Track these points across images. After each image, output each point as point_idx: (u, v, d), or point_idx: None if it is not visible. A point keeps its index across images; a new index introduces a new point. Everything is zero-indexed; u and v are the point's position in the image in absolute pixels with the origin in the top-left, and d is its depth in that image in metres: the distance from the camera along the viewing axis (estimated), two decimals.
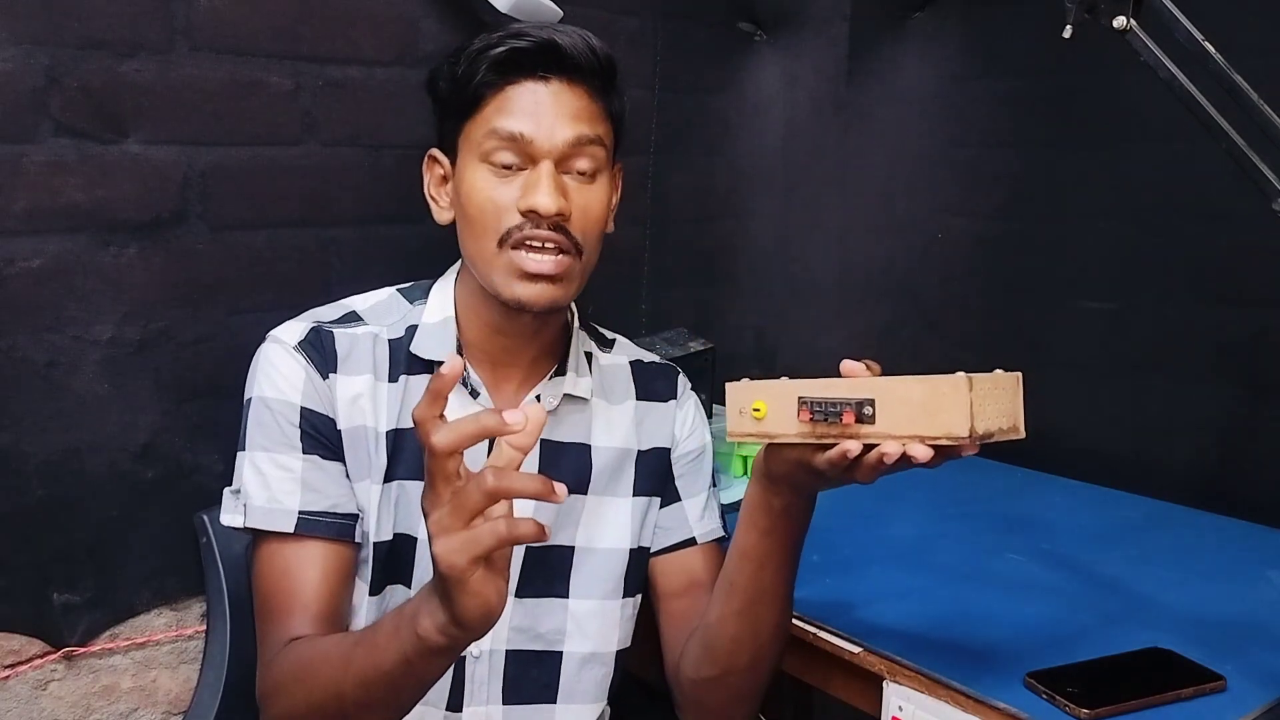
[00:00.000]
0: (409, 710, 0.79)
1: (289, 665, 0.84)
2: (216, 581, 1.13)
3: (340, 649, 0.79)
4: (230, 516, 0.92)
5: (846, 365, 0.77)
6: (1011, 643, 0.99)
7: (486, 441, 0.93)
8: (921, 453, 0.71)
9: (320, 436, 0.92)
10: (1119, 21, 0.87)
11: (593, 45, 0.92)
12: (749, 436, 0.80)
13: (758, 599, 0.89)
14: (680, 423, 1.07)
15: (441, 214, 0.97)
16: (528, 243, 0.89)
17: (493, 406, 0.97)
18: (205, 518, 1.14)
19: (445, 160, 0.96)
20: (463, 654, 0.94)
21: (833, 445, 0.74)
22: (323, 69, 1.23)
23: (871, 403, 0.73)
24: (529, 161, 0.90)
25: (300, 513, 0.90)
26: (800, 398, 0.76)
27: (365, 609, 0.94)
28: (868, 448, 0.73)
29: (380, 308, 0.99)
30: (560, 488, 0.64)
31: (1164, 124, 1.40)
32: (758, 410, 0.79)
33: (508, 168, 0.90)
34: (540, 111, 0.90)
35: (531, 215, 0.89)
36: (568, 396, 1.01)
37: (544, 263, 0.90)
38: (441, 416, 0.64)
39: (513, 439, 0.65)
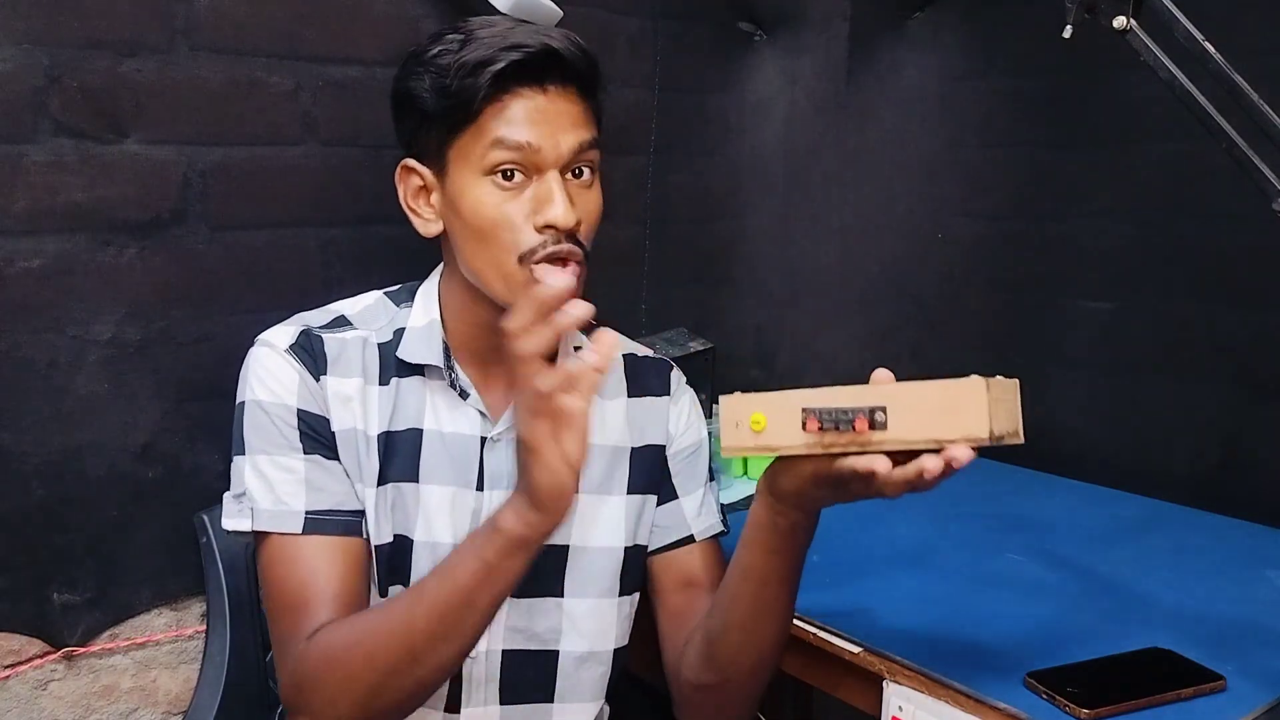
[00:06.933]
0: (478, 640, 0.84)
1: (327, 646, 0.83)
2: (216, 581, 1.13)
3: (401, 600, 0.84)
4: (235, 521, 0.91)
5: (881, 374, 0.75)
6: (1011, 643, 0.99)
7: (479, 438, 0.94)
8: (964, 455, 0.69)
9: (319, 437, 0.92)
10: (1119, 21, 0.87)
11: (583, 48, 0.91)
12: (748, 450, 0.78)
13: (761, 613, 0.89)
14: (675, 419, 1.07)
15: (427, 226, 0.96)
16: (549, 260, 0.89)
17: (483, 407, 0.97)
18: (205, 518, 1.14)
19: (425, 171, 0.93)
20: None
21: (844, 455, 0.73)
22: (323, 69, 1.23)
23: (883, 409, 0.72)
24: (534, 172, 0.89)
25: (307, 513, 0.90)
26: (805, 408, 0.74)
27: None
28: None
29: (368, 312, 0.99)
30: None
31: (1164, 124, 1.41)
32: (757, 422, 0.76)
33: (510, 177, 0.89)
34: (542, 120, 0.89)
35: (549, 230, 0.89)
36: None
37: (567, 279, 0.89)
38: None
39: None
